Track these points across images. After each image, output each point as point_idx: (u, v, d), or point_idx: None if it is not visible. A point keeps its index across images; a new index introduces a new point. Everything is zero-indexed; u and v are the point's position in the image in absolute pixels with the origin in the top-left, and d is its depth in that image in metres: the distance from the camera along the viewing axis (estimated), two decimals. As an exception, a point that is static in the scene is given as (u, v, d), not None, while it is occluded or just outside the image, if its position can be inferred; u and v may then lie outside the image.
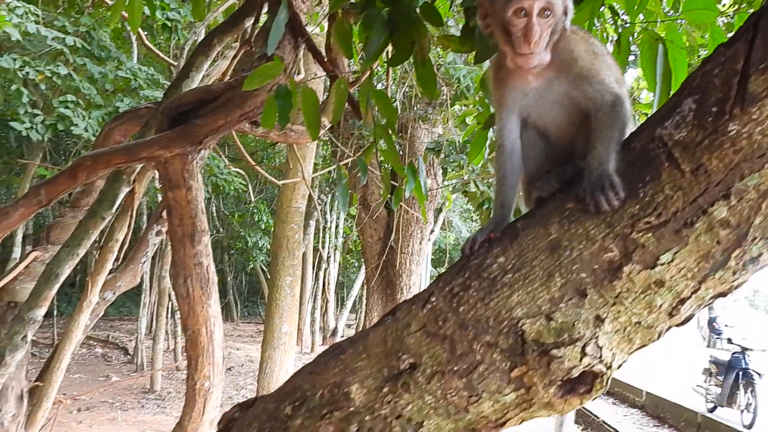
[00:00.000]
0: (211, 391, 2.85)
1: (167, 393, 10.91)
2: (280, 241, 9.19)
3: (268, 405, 1.30)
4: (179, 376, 12.51)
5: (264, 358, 8.58)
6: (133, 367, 12.73)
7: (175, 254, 2.82)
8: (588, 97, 1.13)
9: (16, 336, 3.46)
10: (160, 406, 10.07)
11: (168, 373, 12.31)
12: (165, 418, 9.23)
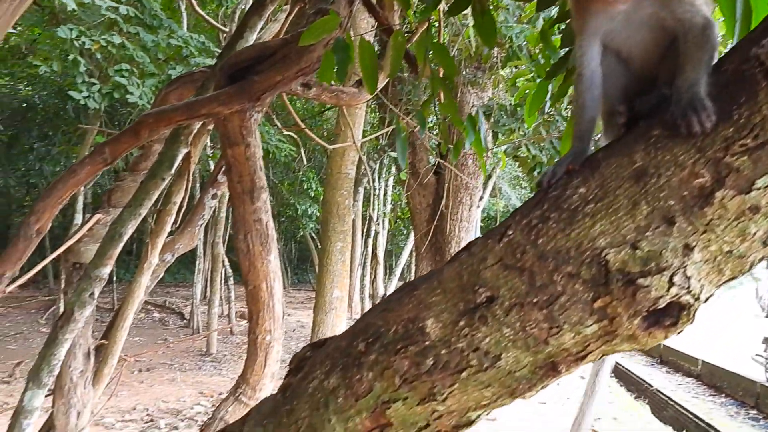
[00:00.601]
0: (272, 345, 2.90)
1: (222, 355, 11.24)
2: (330, 208, 9.25)
3: (341, 343, 1.31)
4: (233, 339, 12.86)
5: (316, 322, 8.72)
6: (189, 331, 13.13)
7: (235, 211, 2.85)
8: (677, 18, 1.08)
9: (84, 293, 3.58)
10: (217, 367, 10.38)
11: (223, 337, 12.66)
12: (221, 379, 9.52)
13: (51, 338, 3.62)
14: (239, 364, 10.51)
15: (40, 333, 12.16)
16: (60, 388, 5.02)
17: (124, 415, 7.39)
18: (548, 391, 8.95)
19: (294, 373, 1.39)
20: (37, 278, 17.04)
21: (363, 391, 1.20)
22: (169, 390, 8.73)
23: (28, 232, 2.91)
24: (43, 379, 3.55)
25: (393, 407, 1.17)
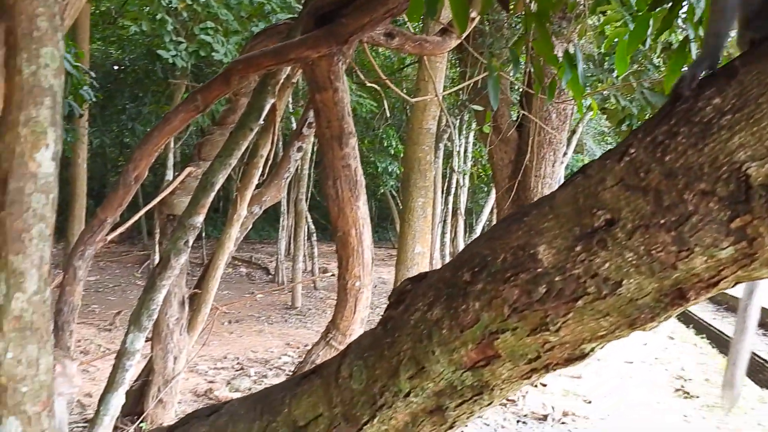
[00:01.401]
0: (362, 290, 2.92)
1: (307, 309, 11.54)
2: (411, 163, 9.18)
3: (444, 274, 1.27)
4: (317, 294, 13.16)
5: (398, 278, 8.76)
6: (274, 286, 13.53)
7: (323, 157, 2.86)
8: None
9: (179, 241, 3.70)
10: (302, 320, 10.67)
11: (307, 291, 12.97)
12: (306, 331, 9.78)
13: (149, 284, 3.78)
14: (323, 318, 10.77)
15: (136, 285, 12.84)
16: (158, 335, 5.29)
17: (216, 363, 7.72)
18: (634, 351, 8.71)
19: (394, 306, 1.37)
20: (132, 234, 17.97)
21: (469, 321, 1.16)
22: (257, 341, 9.05)
23: (127, 180, 3.02)
24: (143, 323, 3.71)
25: (501, 338, 1.13)
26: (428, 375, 1.24)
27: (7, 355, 0.87)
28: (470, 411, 1.27)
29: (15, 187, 0.87)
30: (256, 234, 19.59)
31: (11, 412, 0.88)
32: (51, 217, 0.91)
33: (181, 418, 1.94)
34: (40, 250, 0.89)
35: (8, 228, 0.86)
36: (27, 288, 0.88)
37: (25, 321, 0.88)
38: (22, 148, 0.88)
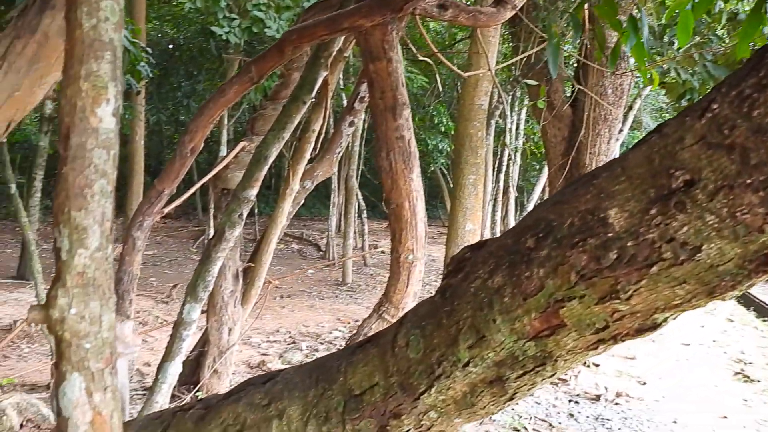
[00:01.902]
0: (415, 264, 2.89)
1: (357, 285, 11.61)
2: (462, 140, 9.07)
3: (505, 241, 1.22)
4: (367, 271, 13.23)
5: (448, 255, 8.70)
6: (325, 262, 13.65)
7: (377, 128, 2.82)
8: None
9: (233, 213, 3.74)
10: (352, 296, 10.75)
11: (357, 268, 13.05)
12: (357, 307, 9.85)
13: (205, 256, 3.84)
14: (374, 294, 10.82)
15: (191, 260, 13.15)
16: (213, 307, 5.40)
17: (268, 336, 7.86)
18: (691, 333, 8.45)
19: (453, 274, 1.34)
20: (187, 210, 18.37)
21: (533, 289, 1.12)
22: (309, 316, 9.16)
23: (183, 151, 3.05)
24: (199, 293, 3.78)
25: (567, 306, 1.08)
26: (488, 344, 1.20)
27: (70, 310, 0.88)
28: (532, 382, 1.23)
29: (77, 143, 0.87)
30: (307, 211, 19.78)
31: (75, 368, 0.88)
32: (112, 173, 0.91)
33: (237, 385, 1.96)
34: (101, 206, 0.89)
35: (71, 183, 0.86)
36: (89, 244, 0.88)
37: (88, 277, 0.88)
38: (84, 102, 0.87)
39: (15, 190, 5.24)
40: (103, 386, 0.89)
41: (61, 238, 0.87)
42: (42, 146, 9.04)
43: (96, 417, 0.89)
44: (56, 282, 0.89)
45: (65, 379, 0.88)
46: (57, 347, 0.90)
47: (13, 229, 14.72)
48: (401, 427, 1.44)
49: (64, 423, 0.89)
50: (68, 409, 0.88)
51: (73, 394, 0.88)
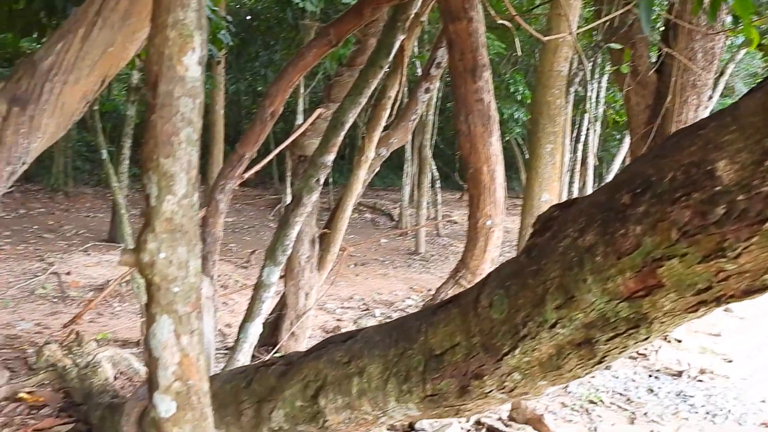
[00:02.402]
0: (493, 229, 2.84)
1: (430, 255, 11.61)
2: (540, 107, 8.82)
3: (598, 197, 1.16)
4: (440, 241, 13.20)
5: (524, 225, 8.54)
6: (398, 231, 13.71)
7: (456, 91, 2.76)
8: None
9: (311, 179, 3.77)
10: (425, 266, 10.76)
11: (430, 238, 13.04)
12: (430, 277, 9.85)
13: (283, 221, 3.90)
14: (446, 264, 10.79)
15: (268, 227, 13.48)
16: (290, 271, 5.50)
17: (342, 303, 7.98)
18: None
19: (540, 233, 1.29)
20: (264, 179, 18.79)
21: (628, 247, 1.06)
22: (382, 284, 9.24)
23: (263, 116, 3.09)
24: (278, 257, 3.85)
25: (666, 265, 1.01)
26: (578, 305, 1.15)
27: (159, 255, 0.89)
28: (623, 345, 1.17)
29: (164, 91, 0.88)
30: (380, 181, 19.85)
31: (164, 311, 0.90)
32: (198, 122, 0.91)
33: (318, 344, 1.99)
34: (188, 154, 0.89)
35: (159, 131, 0.87)
36: (177, 191, 0.89)
37: (176, 223, 0.89)
38: (170, 51, 0.87)
39: (106, 156, 5.47)
40: (189, 329, 0.91)
41: (150, 184, 0.89)
42: (129, 115, 9.40)
43: (183, 358, 0.91)
44: (146, 227, 0.90)
45: (155, 321, 0.90)
46: (147, 290, 0.92)
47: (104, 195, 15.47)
48: (483, 387, 1.42)
49: (155, 363, 0.91)
50: (158, 349, 0.91)
51: (162, 336, 0.90)
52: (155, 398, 0.94)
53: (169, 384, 0.91)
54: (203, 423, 0.92)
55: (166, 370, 0.90)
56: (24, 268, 8.51)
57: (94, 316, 6.54)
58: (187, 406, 0.91)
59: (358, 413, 1.76)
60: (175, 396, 0.91)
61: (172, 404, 0.92)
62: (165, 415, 0.94)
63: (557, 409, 4.84)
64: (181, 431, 0.91)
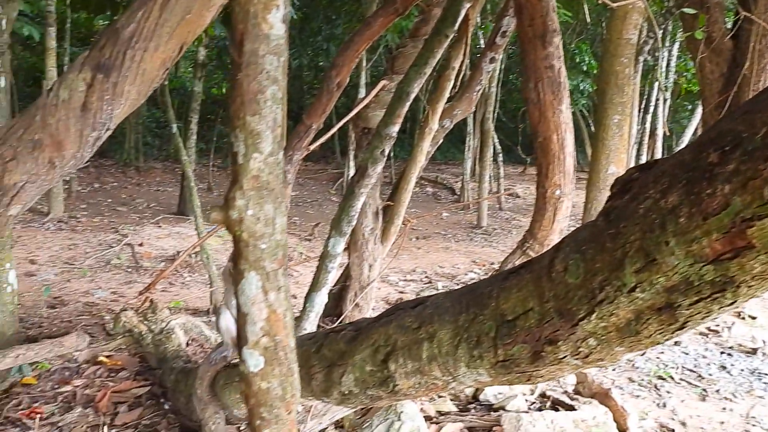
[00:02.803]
0: (562, 199, 2.79)
1: (492, 229, 11.53)
2: (607, 77, 8.56)
3: (682, 157, 1.13)
4: (502, 215, 13.07)
5: (589, 199, 8.36)
6: (460, 206, 13.65)
7: (525, 57, 2.71)
8: None
9: (376, 150, 3.79)
10: (487, 240, 10.69)
11: (492, 212, 12.93)
12: (492, 250, 9.79)
13: (348, 192, 3.94)
14: (509, 238, 10.69)
15: (331, 201, 13.64)
16: (354, 243, 5.56)
17: (405, 276, 8.03)
18: None
19: (618, 195, 1.26)
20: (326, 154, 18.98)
21: (715, 208, 1.02)
22: (444, 257, 9.24)
23: (330, 86, 3.10)
24: (343, 228, 3.90)
25: (757, 225, 0.97)
26: (659, 268, 1.13)
27: (247, 212, 0.92)
28: (707, 311, 1.14)
29: (250, 49, 0.89)
30: (441, 155, 19.75)
31: (252, 267, 0.93)
32: (282, 80, 0.93)
33: (387, 309, 2.01)
34: (273, 112, 0.91)
35: (245, 89, 0.89)
36: (263, 149, 0.91)
37: (262, 180, 0.91)
38: (256, 8, 0.89)
39: (176, 130, 5.64)
40: (277, 286, 0.94)
41: (237, 142, 0.91)
42: (197, 91, 9.62)
43: (271, 314, 0.94)
44: (234, 184, 0.93)
45: (243, 277, 0.93)
46: (235, 247, 0.95)
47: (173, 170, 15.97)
48: (557, 353, 1.41)
49: (243, 318, 0.94)
50: (246, 305, 0.94)
51: (250, 292, 0.93)
52: (244, 353, 0.98)
53: (257, 339, 0.94)
54: (290, 378, 0.95)
55: (254, 326, 0.93)
56: (100, 239, 8.91)
57: (166, 286, 6.80)
58: (275, 361, 0.94)
59: (428, 378, 1.78)
60: (263, 351, 0.94)
61: (260, 359, 0.96)
62: (253, 369, 0.98)
63: (624, 384, 4.77)
64: (269, 386, 0.95)
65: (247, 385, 0.98)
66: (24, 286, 5.86)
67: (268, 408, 0.94)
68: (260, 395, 0.94)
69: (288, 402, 0.93)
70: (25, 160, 1.33)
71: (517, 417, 3.56)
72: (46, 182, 1.42)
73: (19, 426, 3.47)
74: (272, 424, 0.94)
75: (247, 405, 0.99)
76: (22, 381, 3.96)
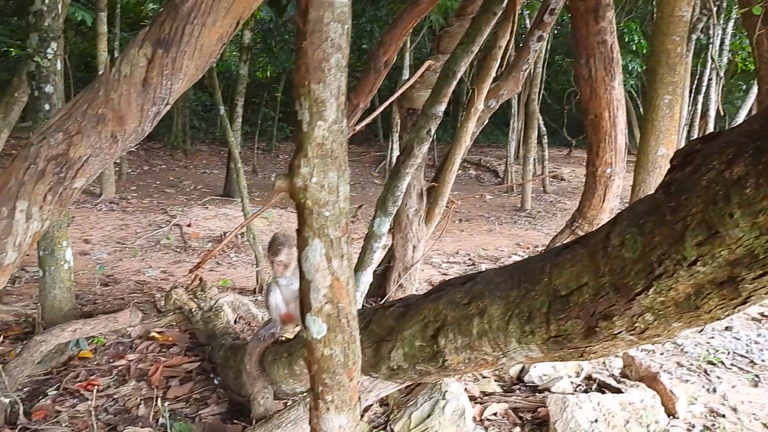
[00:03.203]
0: (612, 178, 2.75)
1: (537, 212, 11.40)
2: (658, 56, 8.28)
3: (748, 126, 1.10)
4: (546, 198, 12.91)
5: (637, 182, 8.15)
6: (503, 189, 13.53)
7: (576, 33, 2.66)
8: None
9: (422, 130, 3.78)
10: (531, 222, 10.59)
11: (536, 194, 12.79)
12: (536, 233, 9.69)
13: (394, 172, 3.94)
14: (553, 221, 10.56)
15: (373, 183, 13.68)
16: (398, 224, 5.58)
17: (448, 258, 8.02)
18: None
19: (680, 168, 1.23)
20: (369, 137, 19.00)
21: (784, 177, 0.99)
22: (487, 239, 9.19)
23: (377, 64, 3.10)
24: (389, 208, 3.91)
25: (829, 196, 0.95)
26: (722, 241, 1.10)
27: (312, 179, 0.93)
28: (772, 285, 1.11)
29: (314, 17, 0.90)
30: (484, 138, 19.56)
31: (316, 235, 0.95)
32: (346, 48, 0.93)
33: (436, 286, 2.02)
34: (337, 80, 0.92)
35: (309, 57, 0.90)
36: (327, 116, 0.92)
37: (326, 148, 0.93)
38: (320, -24, 0.89)
39: (223, 112, 5.72)
40: (340, 253, 0.95)
41: (302, 110, 0.92)
42: (242, 74, 9.72)
43: (334, 282, 0.96)
44: (298, 153, 0.94)
45: (307, 244, 0.95)
46: (300, 214, 0.97)
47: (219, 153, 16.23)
48: (611, 328, 1.40)
49: (307, 285, 0.96)
50: (310, 272, 0.96)
51: (314, 259, 0.95)
52: (307, 320, 1.00)
53: (320, 306, 0.96)
54: (352, 345, 0.97)
55: (318, 293, 0.95)
56: (149, 219, 9.13)
57: (213, 266, 6.95)
58: (338, 328, 0.96)
59: (478, 353, 1.78)
60: (326, 318, 0.96)
61: (323, 326, 0.98)
62: (317, 336, 1.00)
63: (672, 368, 4.69)
64: (331, 352, 0.97)
65: (309, 351, 0.99)
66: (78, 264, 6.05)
67: (331, 374, 0.95)
68: (323, 362, 0.96)
69: (350, 369, 0.95)
70: (89, 134, 1.38)
71: (563, 398, 3.53)
72: (109, 156, 1.46)
73: (77, 397, 3.61)
74: (334, 391, 0.95)
75: (310, 371, 1.01)
76: (79, 354, 4.11)
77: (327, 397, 0.99)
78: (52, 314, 4.40)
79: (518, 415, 3.69)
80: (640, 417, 3.54)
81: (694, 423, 3.74)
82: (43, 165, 1.35)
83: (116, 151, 1.46)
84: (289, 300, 3.22)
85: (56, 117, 1.42)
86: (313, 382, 1.05)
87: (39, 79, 3.98)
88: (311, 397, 1.10)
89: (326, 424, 1.01)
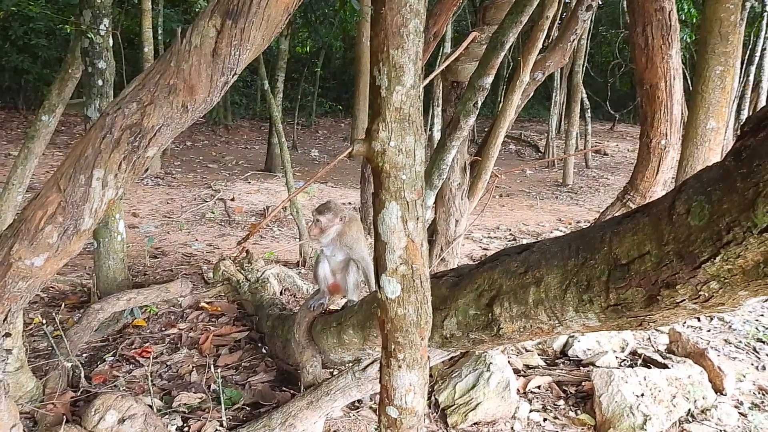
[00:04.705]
0: (667, 150, 2.70)
1: (579, 187, 11.25)
2: (710, 25, 8.02)
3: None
4: (589, 173, 12.72)
5: (684, 156, 7.95)
6: (544, 164, 13.36)
7: (631, 1, 2.61)
8: None
9: (468, 102, 3.76)
10: (573, 198, 10.46)
11: (578, 170, 12.61)
12: (578, 209, 9.58)
13: (440, 145, 3.94)
14: (596, 197, 10.42)
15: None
16: (441, 198, 5.57)
17: (489, 233, 7.99)
18: None
19: (751, 134, 1.22)
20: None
21: None
22: (528, 215, 9.13)
23: (426, 36, 3.09)
24: (434, 181, 3.91)
25: None
26: (797, 207, 1.09)
27: (389, 143, 0.95)
28: None
29: (394, -18, 0.91)
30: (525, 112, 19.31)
31: (392, 197, 0.97)
32: (423, 13, 0.94)
33: (490, 256, 2.03)
34: (415, 45, 0.93)
35: (389, 23, 0.91)
36: (405, 81, 0.94)
37: (404, 113, 0.94)
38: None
39: (267, 86, 5.77)
40: (415, 216, 0.97)
41: (381, 76, 0.94)
42: (282, 49, 9.75)
43: (409, 243, 0.98)
44: (376, 117, 0.96)
45: (384, 207, 0.97)
46: (376, 178, 0.99)
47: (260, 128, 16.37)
48: (674, 297, 1.40)
49: (383, 246, 0.99)
50: (386, 234, 0.98)
51: (390, 221, 0.97)
52: (382, 280, 1.03)
53: (395, 267, 0.98)
54: (425, 305, 0.99)
55: (393, 254, 0.97)
56: (194, 194, 9.31)
57: (257, 239, 7.06)
58: (411, 289, 0.98)
59: (534, 322, 1.79)
60: (401, 279, 0.99)
61: (397, 286, 1.00)
62: (391, 296, 1.02)
63: (720, 345, 4.62)
64: (404, 312, 0.99)
65: (383, 310, 1.02)
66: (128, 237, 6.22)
67: (404, 333, 0.98)
68: (396, 321, 0.99)
69: (422, 328, 0.98)
70: (161, 104, 1.42)
71: (609, 372, 3.52)
72: (179, 126, 1.50)
73: (133, 363, 3.74)
74: (407, 349, 0.98)
75: (382, 331, 1.04)
76: (134, 323, 4.25)
77: (399, 355, 1.02)
78: (107, 284, 4.55)
79: (562, 388, 3.70)
80: (687, 392, 3.51)
81: (743, 400, 3.70)
82: (118, 134, 1.40)
83: (186, 120, 1.51)
84: (335, 270, 3.27)
85: (130, 87, 1.46)
86: (386, 340, 1.08)
87: (92, 55, 4.07)
88: (383, 355, 1.13)
89: (397, 381, 1.04)
